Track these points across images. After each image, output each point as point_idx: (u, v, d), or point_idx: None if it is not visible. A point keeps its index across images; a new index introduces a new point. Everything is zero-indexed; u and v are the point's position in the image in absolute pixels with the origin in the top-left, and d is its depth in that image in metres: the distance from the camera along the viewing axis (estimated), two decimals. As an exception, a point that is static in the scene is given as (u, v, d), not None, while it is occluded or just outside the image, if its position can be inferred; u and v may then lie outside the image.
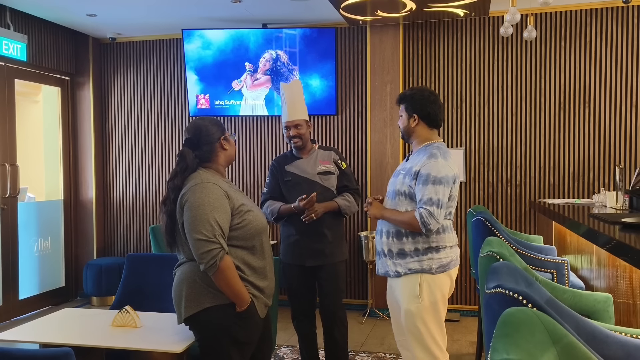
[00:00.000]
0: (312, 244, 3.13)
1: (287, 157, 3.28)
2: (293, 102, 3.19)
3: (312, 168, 3.18)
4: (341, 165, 3.27)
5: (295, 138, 3.16)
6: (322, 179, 3.17)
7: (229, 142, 2.35)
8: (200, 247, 2.10)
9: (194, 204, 2.13)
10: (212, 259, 2.09)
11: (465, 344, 4.10)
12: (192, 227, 2.12)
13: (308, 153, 3.23)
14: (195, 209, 2.12)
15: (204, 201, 2.13)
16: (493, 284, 1.34)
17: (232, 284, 2.13)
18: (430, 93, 2.59)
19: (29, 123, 5.96)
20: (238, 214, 2.21)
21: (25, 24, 4.95)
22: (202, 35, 5.12)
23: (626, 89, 4.52)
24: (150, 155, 5.65)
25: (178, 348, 2.20)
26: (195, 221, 2.11)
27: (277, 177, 3.24)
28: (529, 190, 4.74)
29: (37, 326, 2.54)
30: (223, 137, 2.31)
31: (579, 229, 2.54)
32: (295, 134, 3.16)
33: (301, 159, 3.22)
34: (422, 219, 2.40)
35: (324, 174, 3.18)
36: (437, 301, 2.49)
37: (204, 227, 2.10)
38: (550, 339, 1.00)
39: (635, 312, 2.31)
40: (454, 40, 4.86)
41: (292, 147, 3.24)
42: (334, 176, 3.22)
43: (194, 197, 2.14)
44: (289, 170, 3.20)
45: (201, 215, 2.11)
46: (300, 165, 3.20)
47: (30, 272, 5.14)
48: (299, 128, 3.16)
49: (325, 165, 3.20)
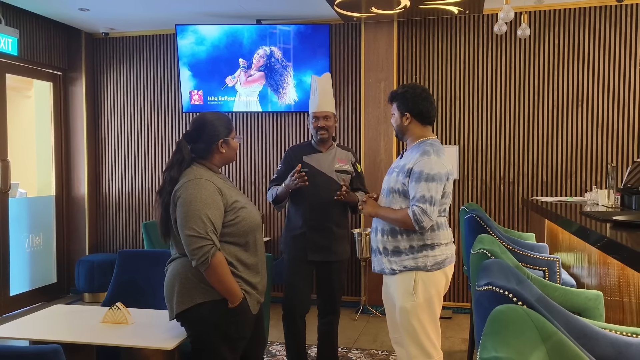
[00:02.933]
0: (318, 239, 3.12)
1: (305, 147, 3.25)
2: (324, 94, 3.17)
3: (329, 164, 3.17)
4: (357, 167, 3.28)
5: (322, 130, 3.14)
6: (338, 176, 3.15)
7: (229, 145, 2.31)
8: (192, 244, 2.09)
9: (186, 200, 2.13)
10: (204, 255, 2.08)
11: (457, 341, 4.11)
12: (184, 223, 2.11)
13: (327, 149, 3.21)
14: (188, 205, 2.12)
15: (196, 197, 2.12)
16: (484, 282, 1.34)
17: (224, 280, 2.13)
18: (422, 90, 2.59)
19: (21, 118, 5.92)
20: (231, 211, 2.20)
21: (17, 18, 4.91)
22: (195, 31, 5.09)
23: (619, 88, 4.54)
24: (143, 151, 5.62)
25: (169, 345, 2.19)
26: (187, 217, 2.11)
27: (292, 165, 3.16)
28: (521, 188, 4.75)
29: (27, 323, 2.52)
30: (224, 140, 2.28)
31: (571, 227, 2.55)
32: (323, 125, 3.14)
33: (320, 152, 3.20)
34: (415, 216, 2.40)
35: (341, 172, 3.17)
36: (432, 299, 2.49)
37: (195, 224, 2.09)
38: (540, 337, 1.00)
39: (625, 309, 2.32)
40: (448, 38, 4.86)
41: (316, 139, 3.19)
42: (349, 176, 3.21)
43: (187, 193, 2.14)
44: (306, 162, 3.16)
45: (193, 212, 2.10)
46: (318, 159, 3.17)
47: (21, 268, 5.11)
48: (328, 120, 3.15)
49: (343, 165, 3.20)
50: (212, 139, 2.26)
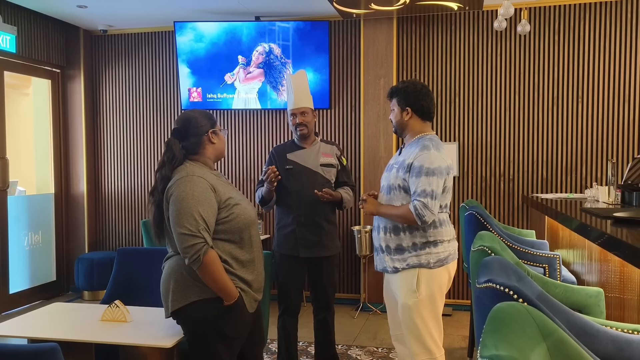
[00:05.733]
0: (308, 235, 3.12)
1: (289, 145, 3.27)
2: (299, 90, 3.19)
3: (314, 159, 3.18)
4: (342, 160, 3.28)
5: (301, 126, 3.16)
6: (324, 171, 3.17)
7: (218, 136, 2.31)
8: (184, 242, 2.08)
9: (178, 197, 2.11)
10: (196, 253, 2.07)
11: (457, 338, 4.11)
12: (177, 221, 2.10)
13: (311, 144, 3.22)
14: (180, 203, 2.10)
15: (188, 195, 2.11)
16: (484, 279, 1.33)
17: (217, 278, 2.11)
18: (422, 86, 2.58)
19: (19, 116, 5.90)
20: (225, 208, 2.19)
21: (14, 15, 4.89)
22: (194, 28, 5.07)
23: (619, 84, 4.52)
24: (142, 148, 5.61)
25: (168, 343, 2.18)
26: (179, 215, 2.10)
27: (276, 165, 3.19)
28: (521, 184, 4.74)
29: (26, 321, 2.51)
30: (212, 130, 2.28)
31: (571, 224, 2.54)
32: (302, 122, 3.15)
33: (304, 148, 3.21)
34: (417, 211, 2.39)
35: (326, 166, 3.19)
36: (435, 296, 2.48)
37: (187, 222, 2.08)
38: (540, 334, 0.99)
39: (626, 306, 2.31)
40: (447, 34, 4.84)
41: (297, 135, 3.21)
42: (334, 170, 3.23)
43: (179, 191, 2.12)
44: (290, 159, 3.18)
45: (185, 209, 2.09)
46: (302, 155, 3.19)
47: (20, 266, 5.10)
48: (305, 115, 3.16)
49: (328, 158, 3.21)
50: (200, 131, 2.25)
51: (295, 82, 3.22)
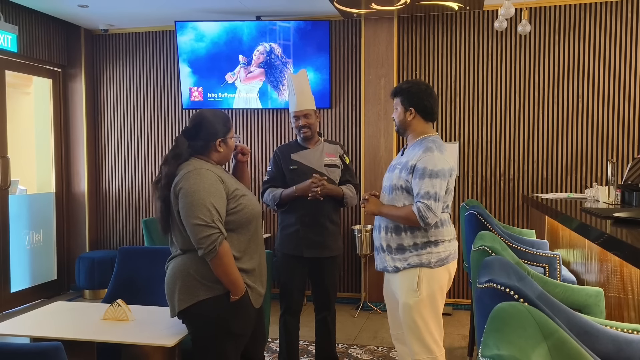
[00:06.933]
0: (312, 235, 3.12)
1: (293, 146, 3.26)
2: (302, 92, 3.17)
3: (318, 159, 3.18)
4: (345, 160, 3.28)
5: (304, 128, 3.15)
6: (328, 171, 3.17)
7: (227, 145, 2.29)
8: (199, 232, 2.07)
9: (189, 190, 2.11)
10: (212, 243, 2.07)
11: (457, 338, 4.12)
12: (190, 212, 2.09)
13: (314, 144, 3.22)
14: (192, 195, 2.10)
15: (199, 187, 2.11)
16: (485, 278, 1.34)
17: (230, 270, 2.12)
18: (426, 86, 2.59)
19: (20, 115, 5.91)
20: (233, 199, 2.19)
21: (16, 14, 4.90)
22: (195, 27, 5.08)
23: (619, 84, 4.53)
24: (143, 147, 5.62)
25: (170, 342, 2.19)
26: (192, 207, 2.08)
27: (280, 165, 3.20)
28: (522, 184, 4.75)
29: (28, 320, 2.52)
30: (222, 139, 2.27)
31: (571, 224, 2.55)
32: (305, 124, 3.14)
33: (308, 149, 3.21)
34: (420, 212, 2.40)
35: (330, 166, 3.19)
36: (435, 295, 2.49)
37: (201, 212, 2.07)
38: (541, 334, 1.00)
39: (626, 306, 2.32)
40: (448, 34, 4.85)
41: (301, 137, 3.21)
42: (339, 170, 3.23)
43: (189, 184, 2.12)
44: (295, 159, 3.18)
45: (198, 201, 2.08)
46: (306, 156, 3.18)
47: (22, 265, 5.11)
48: (308, 118, 3.15)
49: (331, 158, 3.21)
50: (210, 137, 2.24)
51: (297, 82, 3.20)
